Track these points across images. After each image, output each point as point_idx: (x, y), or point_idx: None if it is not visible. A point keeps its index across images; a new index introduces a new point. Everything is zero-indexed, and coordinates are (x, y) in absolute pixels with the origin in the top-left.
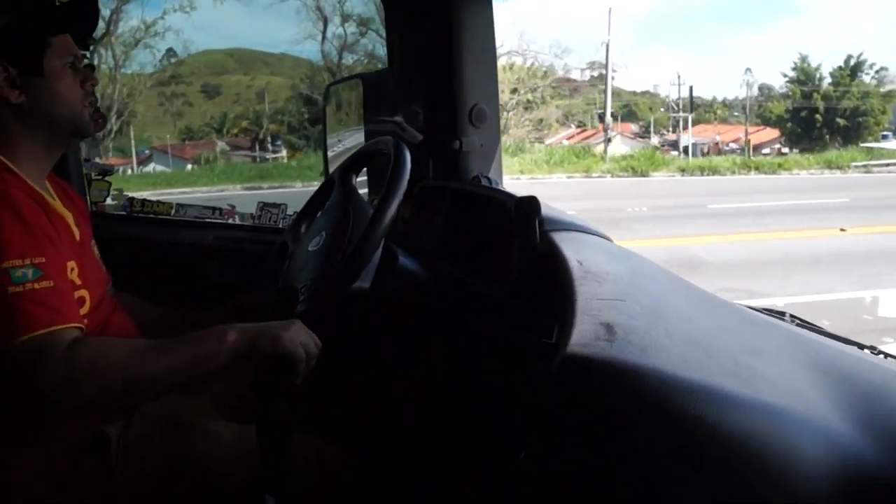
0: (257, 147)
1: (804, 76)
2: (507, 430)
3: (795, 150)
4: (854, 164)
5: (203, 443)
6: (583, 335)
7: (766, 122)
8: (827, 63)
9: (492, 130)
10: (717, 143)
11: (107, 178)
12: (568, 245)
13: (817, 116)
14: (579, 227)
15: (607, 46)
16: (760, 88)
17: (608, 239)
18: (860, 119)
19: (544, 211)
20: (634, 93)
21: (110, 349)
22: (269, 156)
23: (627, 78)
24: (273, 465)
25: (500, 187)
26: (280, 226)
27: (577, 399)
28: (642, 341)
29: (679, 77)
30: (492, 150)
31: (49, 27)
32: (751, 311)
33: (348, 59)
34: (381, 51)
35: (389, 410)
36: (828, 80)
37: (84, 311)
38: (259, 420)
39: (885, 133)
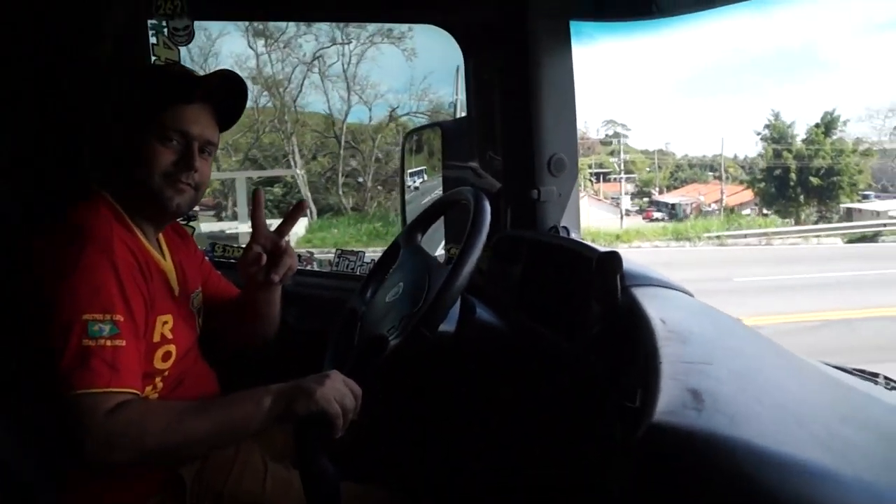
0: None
1: (777, 134)
2: (583, 494)
3: (772, 211)
4: (707, 234)
5: (276, 488)
6: (669, 402)
7: (744, 181)
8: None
9: (570, 180)
10: (697, 204)
11: (191, 224)
12: (650, 301)
13: (791, 175)
14: (660, 281)
15: (455, 105)
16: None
17: (689, 294)
18: (834, 178)
19: (626, 266)
20: (646, 151)
21: (147, 415)
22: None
23: (641, 136)
24: None
25: (578, 238)
26: (357, 273)
27: (664, 470)
28: (731, 410)
29: (619, 136)
30: (571, 200)
31: (154, 101)
32: (841, 372)
33: None
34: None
35: (462, 462)
36: (801, 136)
37: (167, 364)
38: (302, 474)
39: (866, 193)
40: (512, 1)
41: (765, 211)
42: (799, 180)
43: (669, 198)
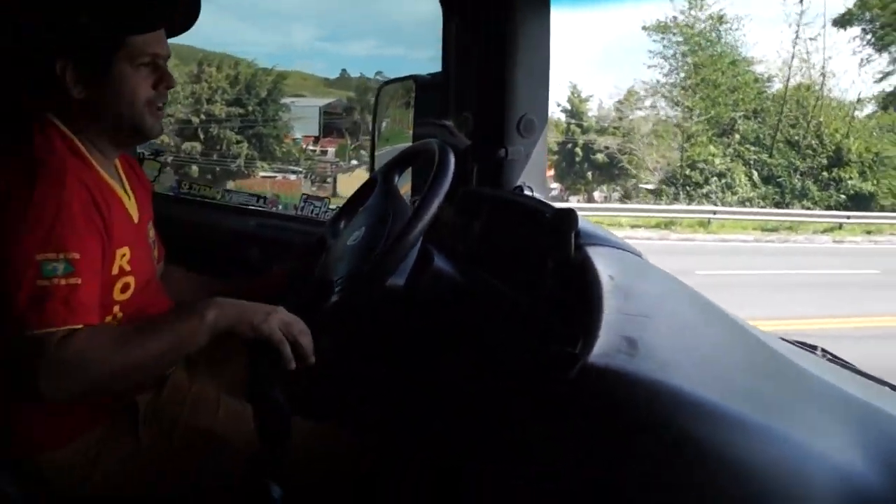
0: None
1: (573, 107)
2: (524, 435)
3: (565, 187)
4: None
5: (227, 419)
6: (605, 347)
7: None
8: None
9: (537, 141)
10: None
11: (158, 159)
12: (601, 259)
13: (577, 150)
14: (614, 242)
15: None
16: None
17: (640, 255)
18: (624, 156)
19: (581, 224)
20: None
21: (95, 339)
22: None
23: None
24: (271, 449)
25: (541, 198)
26: (321, 218)
27: (592, 408)
28: (662, 358)
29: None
30: (536, 160)
31: (125, 28)
32: (782, 342)
33: None
34: None
35: (409, 405)
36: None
37: (126, 296)
38: (253, 404)
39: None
40: None
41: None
42: (585, 156)
43: None
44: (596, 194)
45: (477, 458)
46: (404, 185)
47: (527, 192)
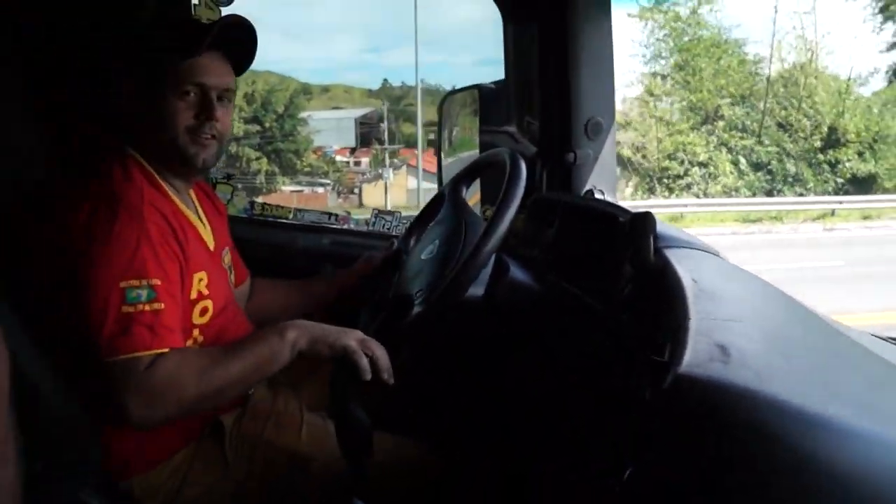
0: None
1: None
2: (612, 447)
3: None
4: None
5: (310, 436)
6: (696, 355)
7: None
8: None
9: (606, 143)
10: None
11: (231, 182)
12: (682, 262)
13: None
14: (694, 244)
15: None
16: None
17: (718, 255)
18: (642, 151)
19: (658, 227)
20: None
21: (182, 365)
22: None
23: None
24: (355, 465)
25: (613, 201)
26: (393, 232)
27: (687, 420)
28: (758, 365)
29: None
30: (606, 163)
31: (166, 56)
32: (876, 339)
33: None
34: None
35: (485, 414)
36: None
37: (205, 319)
38: (336, 420)
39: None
40: None
41: None
42: None
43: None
44: (628, 191)
45: (544, 462)
46: (473, 196)
47: (598, 196)
